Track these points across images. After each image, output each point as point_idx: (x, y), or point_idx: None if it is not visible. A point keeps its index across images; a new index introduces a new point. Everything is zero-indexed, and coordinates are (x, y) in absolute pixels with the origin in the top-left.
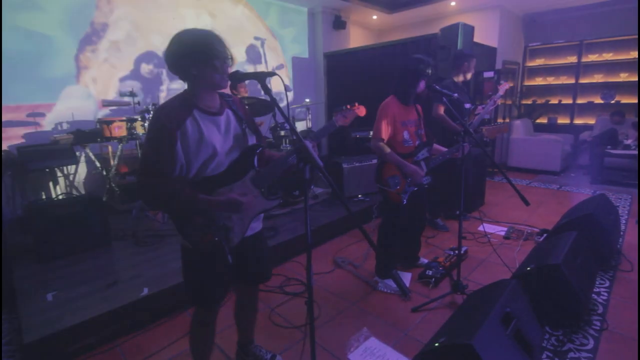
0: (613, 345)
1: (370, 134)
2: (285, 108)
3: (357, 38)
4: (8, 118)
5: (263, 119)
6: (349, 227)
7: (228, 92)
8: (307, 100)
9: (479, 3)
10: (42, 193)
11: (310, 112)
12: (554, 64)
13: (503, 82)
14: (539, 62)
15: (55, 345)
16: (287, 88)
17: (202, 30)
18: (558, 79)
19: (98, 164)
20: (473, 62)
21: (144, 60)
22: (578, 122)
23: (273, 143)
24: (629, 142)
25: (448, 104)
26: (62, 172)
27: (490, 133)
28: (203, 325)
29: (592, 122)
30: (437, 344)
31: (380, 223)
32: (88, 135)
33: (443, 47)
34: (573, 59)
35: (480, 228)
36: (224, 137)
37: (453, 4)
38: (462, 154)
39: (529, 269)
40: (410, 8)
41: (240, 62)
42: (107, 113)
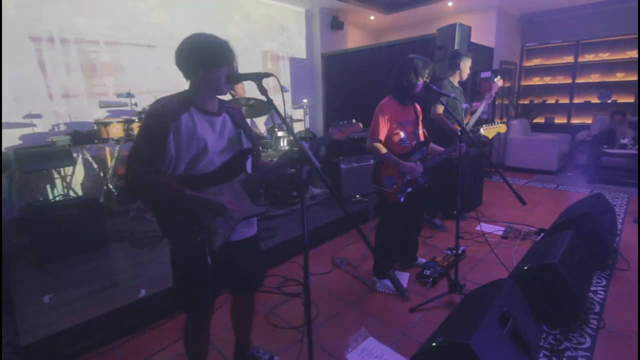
0: (610, 344)
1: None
2: (282, 109)
3: (354, 39)
4: (5, 120)
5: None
6: (347, 227)
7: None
8: (304, 101)
9: (476, 3)
10: (39, 195)
11: (308, 112)
12: (551, 64)
13: (496, 79)
14: (536, 62)
15: (53, 348)
16: (283, 89)
17: (218, 37)
18: (555, 79)
19: (95, 166)
20: (469, 61)
21: None
22: (575, 121)
23: (271, 143)
24: (626, 141)
25: (445, 104)
26: (59, 173)
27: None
28: (194, 330)
29: (589, 121)
30: (434, 344)
31: (378, 223)
32: (85, 137)
33: (440, 47)
34: (570, 59)
35: (478, 228)
36: (218, 137)
37: (450, 5)
38: (459, 154)
39: (526, 269)
40: (408, 9)
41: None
42: (104, 114)
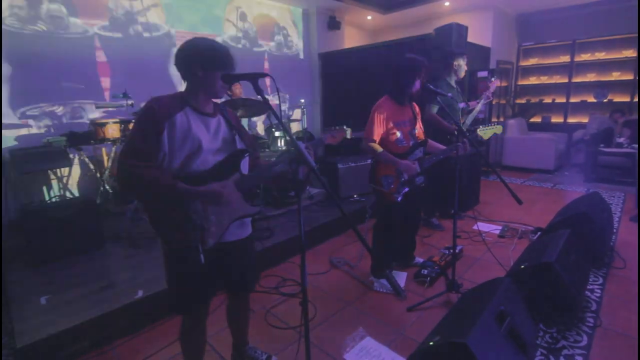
0: (606, 342)
1: None
2: (278, 109)
3: (351, 38)
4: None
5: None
6: (345, 227)
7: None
8: (302, 101)
9: (473, 3)
10: (35, 196)
11: (306, 112)
12: (548, 64)
13: (493, 79)
14: (533, 61)
15: (49, 349)
16: (279, 89)
17: (221, 44)
18: (551, 78)
19: (92, 166)
20: (464, 59)
21: None
22: (571, 120)
23: (268, 143)
24: (622, 140)
25: (442, 104)
26: (55, 174)
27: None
28: (190, 331)
29: (585, 120)
30: (432, 343)
31: (375, 223)
32: (81, 138)
33: (437, 47)
34: (566, 59)
35: (475, 227)
36: (212, 137)
37: (447, 4)
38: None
39: (523, 267)
40: (405, 8)
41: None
42: (100, 115)
